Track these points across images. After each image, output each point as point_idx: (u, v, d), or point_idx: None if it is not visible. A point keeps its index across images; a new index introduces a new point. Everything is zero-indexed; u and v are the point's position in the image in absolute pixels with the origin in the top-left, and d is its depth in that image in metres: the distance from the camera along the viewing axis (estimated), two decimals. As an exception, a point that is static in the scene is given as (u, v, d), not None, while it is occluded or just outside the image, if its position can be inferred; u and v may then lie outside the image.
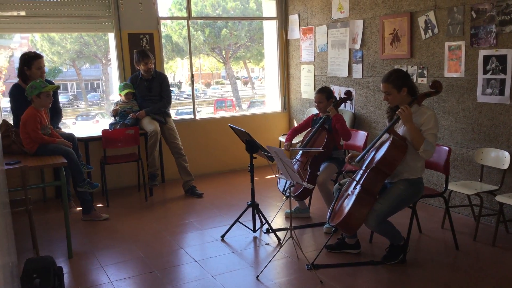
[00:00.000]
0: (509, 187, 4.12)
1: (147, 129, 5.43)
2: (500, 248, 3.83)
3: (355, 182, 3.53)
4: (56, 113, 4.99)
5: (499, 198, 3.81)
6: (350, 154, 3.76)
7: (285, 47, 7.12)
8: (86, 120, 20.00)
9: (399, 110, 3.38)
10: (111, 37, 6.09)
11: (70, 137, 4.72)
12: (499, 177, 4.14)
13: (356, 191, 3.44)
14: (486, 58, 4.22)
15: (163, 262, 3.78)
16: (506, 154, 4.03)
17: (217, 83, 27.12)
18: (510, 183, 4.13)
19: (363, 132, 4.84)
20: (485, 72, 4.25)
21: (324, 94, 4.46)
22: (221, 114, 16.33)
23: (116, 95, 5.95)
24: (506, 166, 4.01)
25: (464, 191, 4.05)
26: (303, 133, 4.81)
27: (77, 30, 5.62)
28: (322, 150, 4.29)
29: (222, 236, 4.26)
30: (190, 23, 6.51)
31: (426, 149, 3.30)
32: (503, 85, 4.10)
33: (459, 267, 3.57)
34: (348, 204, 3.44)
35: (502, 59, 4.09)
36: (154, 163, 5.49)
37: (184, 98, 20.91)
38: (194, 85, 6.83)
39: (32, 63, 4.60)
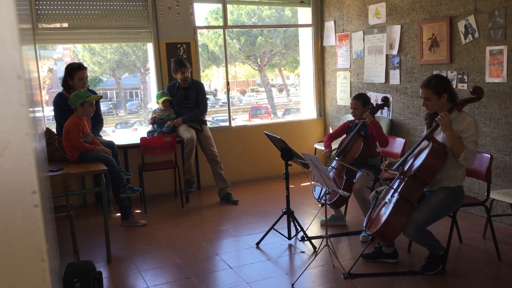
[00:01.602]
0: (555, 196, 3.95)
1: (183, 137, 5.51)
2: (546, 259, 3.68)
3: (392, 190, 3.47)
4: (98, 122, 5.13)
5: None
6: (387, 162, 3.69)
7: (321, 54, 7.09)
8: (125, 128, 20.49)
9: (439, 117, 3.30)
10: (150, 47, 6.24)
11: (110, 144, 4.85)
12: (545, 185, 3.98)
13: (394, 199, 3.38)
14: (530, 63, 4.08)
15: (199, 269, 3.81)
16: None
17: (252, 90, 27.30)
18: (557, 192, 3.96)
19: (401, 139, 4.76)
20: (529, 77, 4.11)
21: (360, 101, 4.41)
22: (257, 121, 16.39)
23: (154, 104, 6.08)
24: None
25: (507, 199, 3.91)
26: (339, 140, 4.77)
27: (117, 41, 5.82)
28: (360, 171, 4.25)
29: (257, 243, 4.26)
30: (226, 31, 6.59)
31: (467, 157, 3.21)
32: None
33: (502, 278, 3.44)
34: (385, 212, 3.38)
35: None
36: (190, 170, 5.56)
37: (220, 105, 21.15)
38: (230, 92, 6.89)
39: (74, 74, 4.77)
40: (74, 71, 4.78)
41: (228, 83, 6.78)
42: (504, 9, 4.25)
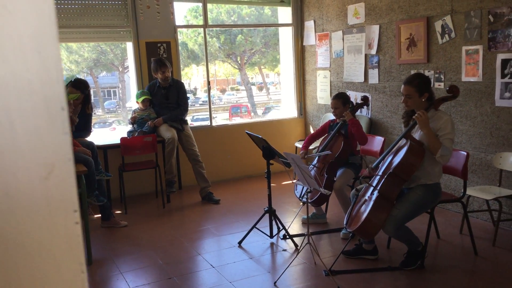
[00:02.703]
0: (529, 192, 4.07)
1: (164, 136, 5.49)
2: (520, 254, 3.79)
3: (372, 188, 3.53)
4: (86, 130, 5.03)
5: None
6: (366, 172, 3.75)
7: (301, 53, 7.14)
8: (103, 127, 20.24)
9: (416, 115, 3.37)
10: (129, 46, 6.18)
11: (90, 145, 4.79)
12: (519, 182, 4.09)
13: (374, 197, 3.44)
14: (504, 62, 4.18)
15: (181, 269, 3.81)
16: (526, 158, 3.98)
17: (232, 89, 27.25)
18: (530, 188, 4.08)
19: (380, 138, 4.83)
20: (503, 76, 4.21)
21: (340, 100, 4.46)
22: (237, 120, 16.38)
23: (133, 103, 6.03)
24: (525, 170, 3.97)
25: (482, 196, 4.01)
26: (320, 139, 4.82)
27: (96, 40, 5.74)
28: (330, 153, 4.28)
29: (239, 242, 4.28)
30: (206, 30, 6.56)
31: (443, 154, 3.28)
32: (522, 89, 4.06)
33: (478, 272, 3.53)
34: (365, 210, 3.44)
35: (520, 63, 4.05)
36: (172, 170, 5.54)
37: (200, 104, 21.07)
38: (210, 91, 6.88)
39: (67, 87, 4.69)
40: (68, 85, 4.71)
41: (209, 83, 6.77)
42: (480, 9, 4.35)
